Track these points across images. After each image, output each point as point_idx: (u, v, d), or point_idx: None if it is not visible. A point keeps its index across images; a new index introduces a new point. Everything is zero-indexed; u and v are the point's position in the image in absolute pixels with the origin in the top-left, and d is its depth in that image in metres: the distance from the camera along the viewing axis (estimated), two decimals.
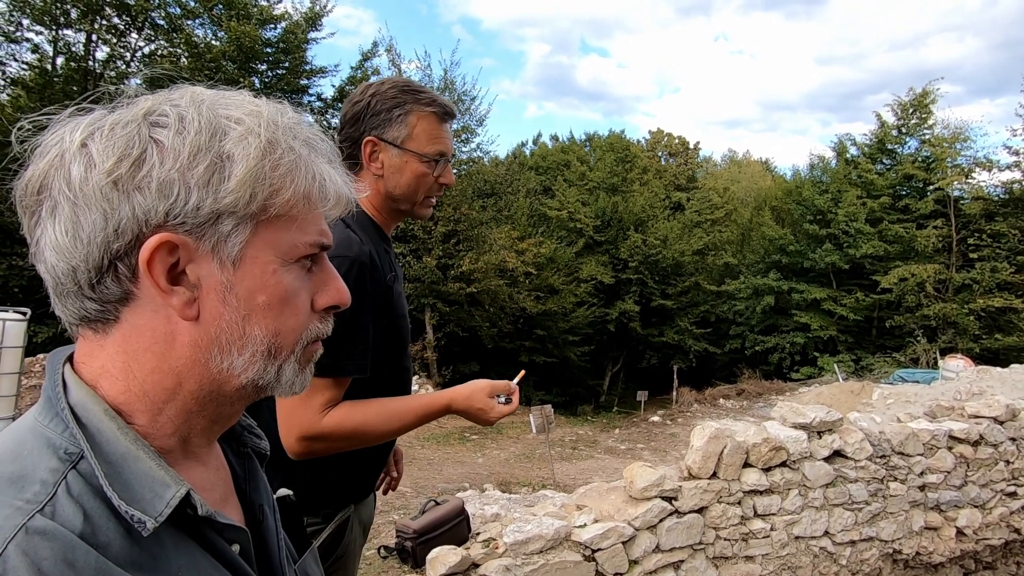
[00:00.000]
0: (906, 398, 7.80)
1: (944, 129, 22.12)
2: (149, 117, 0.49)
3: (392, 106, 1.29)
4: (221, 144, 0.49)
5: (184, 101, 0.50)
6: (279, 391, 0.55)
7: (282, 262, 0.52)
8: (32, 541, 0.40)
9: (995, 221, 20.19)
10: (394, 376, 1.36)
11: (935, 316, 19.65)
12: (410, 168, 1.31)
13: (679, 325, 24.63)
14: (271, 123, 0.51)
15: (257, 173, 0.49)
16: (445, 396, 1.32)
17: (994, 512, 3.60)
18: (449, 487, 7.26)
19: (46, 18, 12.79)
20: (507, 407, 1.34)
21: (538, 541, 2.56)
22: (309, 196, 0.53)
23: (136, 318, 0.49)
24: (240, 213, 0.49)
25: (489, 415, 1.32)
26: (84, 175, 0.47)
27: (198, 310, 0.50)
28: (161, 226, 0.47)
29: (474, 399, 1.31)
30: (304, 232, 0.53)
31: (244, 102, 0.52)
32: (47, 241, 0.48)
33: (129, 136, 0.48)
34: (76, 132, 0.48)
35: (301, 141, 0.53)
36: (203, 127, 0.49)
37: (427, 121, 1.31)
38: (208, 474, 0.57)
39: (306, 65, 16.02)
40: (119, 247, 0.47)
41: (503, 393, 1.35)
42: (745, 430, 3.12)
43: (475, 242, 17.84)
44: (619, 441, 12.45)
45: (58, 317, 0.51)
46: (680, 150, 37.10)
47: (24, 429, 0.48)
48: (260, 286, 0.51)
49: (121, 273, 0.48)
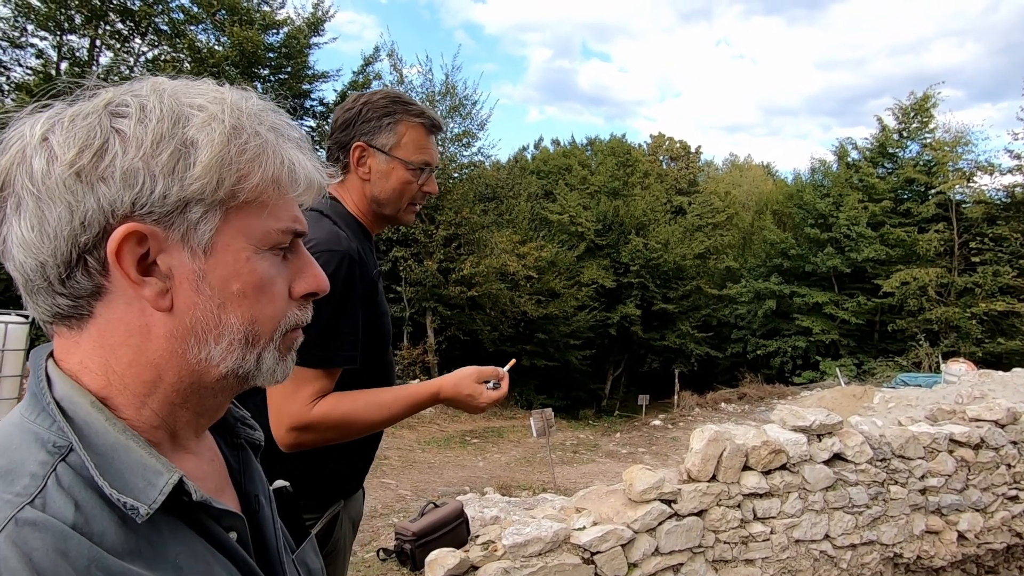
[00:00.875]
0: (907, 402, 7.77)
1: (945, 133, 22.15)
2: (110, 107, 0.48)
3: (382, 115, 1.34)
4: (184, 131, 0.48)
5: (145, 91, 0.50)
6: (261, 380, 0.55)
7: (255, 249, 0.52)
8: (22, 532, 0.40)
9: (997, 225, 20.15)
10: (378, 371, 1.38)
11: (937, 320, 19.60)
12: (396, 175, 1.35)
13: (680, 329, 24.59)
14: (235, 109, 0.51)
15: (223, 158, 0.49)
16: (433, 384, 1.33)
17: (996, 516, 3.59)
18: (449, 490, 7.24)
19: (50, 24, 12.89)
20: (496, 392, 1.34)
21: (537, 543, 2.56)
22: (279, 181, 0.52)
23: (110, 312, 0.49)
24: (208, 200, 0.49)
25: (478, 400, 1.32)
26: (46, 168, 0.46)
27: (171, 300, 0.49)
28: (128, 216, 0.47)
29: (462, 386, 1.32)
30: (276, 219, 0.53)
31: (207, 90, 0.52)
32: (14, 238, 0.48)
33: (90, 127, 0.47)
34: (36, 126, 0.48)
35: (267, 127, 0.53)
36: (165, 115, 0.48)
37: (415, 131, 1.36)
38: (201, 464, 0.57)
39: (308, 70, 16.11)
40: (87, 240, 0.47)
41: (491, 379, 1.35)
42: (745, 433, 3.12)
43: (476, 246, 17.85)
44: (620, 445, 12.42)
45: (31, 315, 0.51)
46: (681, 154, 37.14)
47: (11, 426, 0.48)
48: (234, 274, 0.51)
49: (91, 267, 0.47)
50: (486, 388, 1.34)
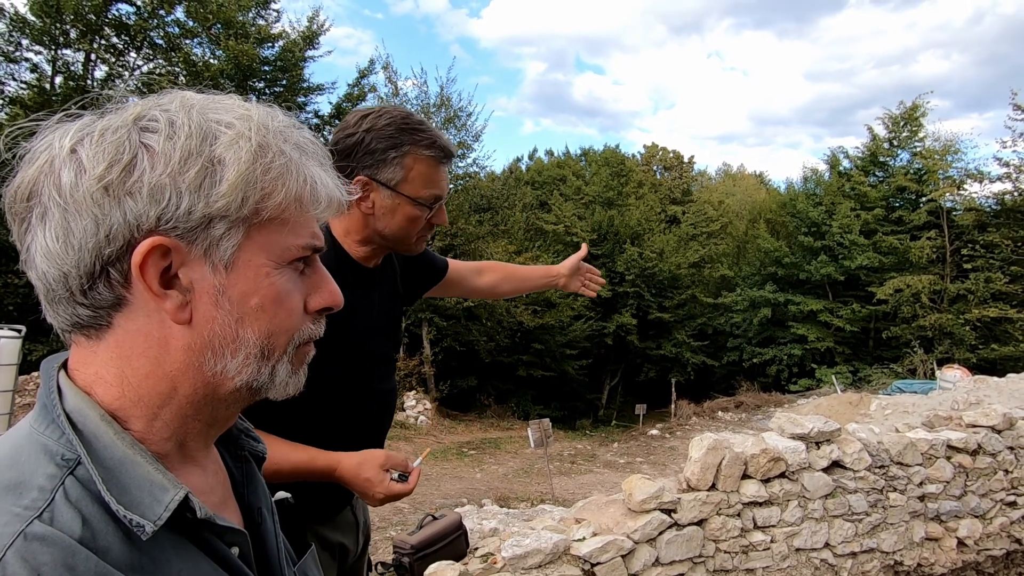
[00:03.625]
0: (904, 408, 7.79)
1: (935, 142, 22.43)
2: (139, 122, 0.49)
3: (388, 146, 1.22)
4: (212, 148, 0.49)
5: (174, 106, 0.50)
6: (273, 392, 0.55)
7: (275, 265, 0.53)
8: (31, 547, 0.40)
9: (988, 232, 20.35)
10: (343, 400, 1.29)
11: (931, 327, 19.72)
12: (402, 211, 1.25)
13: (676, 338, 24.62)
14: (262, 127, 0.52)
15: (248, 177, 0.49)
16: (333, 458, 1.19)
17: (994, 522, 3.59)
18: (447, 502, 7.19)
19: (45, 38, 12.94)
20: (399, 486, 1.18)
21: (536, 555, 2.54)
22: (301, 199, 0.53)
23: (129, 323, 0.49)
24: (232, 217, 0.49)
25: (375, 489, 1.17)
26: (75, 181, 0.47)
27: (191, 314, 0.50)
28: (153, 231, 0.47)
29: (363, 468, 1.17)
30: (296, 235, 0.54)
31: (234, 106, 0.53)
32: (38, 247, 0.48)
33: (119, 141, 0.48)
34: (65, 138, 0.48)
35: (292, 144, 0.54)
36: (193, 131, 0.49)
37: (424, 164, 1.24)
38: (206, 478, 0.57)
39: (303, 83, 16.22)
40: (111, 252, 0.47)
41: (399, 469, 1.20)
42: (743, 441, 3.11)
43: (472, 256, 17.88)
44: (618, 455, 12.37)
45: (50, 324, 0.51)
46: (675, 164, 37.40)
47: (20, 436, 0.48)
48: (253, 289, 0.51)
49: (113, 278, 0.48)
50: (389, 478, 1.19)
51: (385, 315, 1.45)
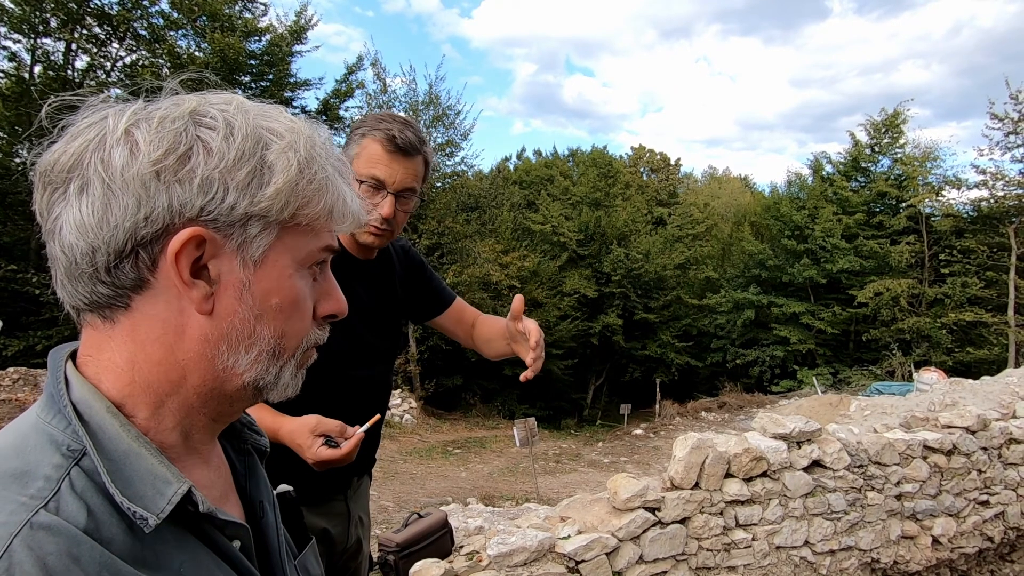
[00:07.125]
0: (883, 410, 7.94)
1: (915, 149, 22.88)
2: (195, 117, 0.51)
3: (355, 127, 1.39)
4: (264, 153, 0.52)
5: (231, 108, 0.53)
6: (275, 394, 0.57)
7: (297, 267, 0.55)
8: (37, 536, 0.41)
9: (965, 237, 20.78)
10: (323, 387, 1.29)
11: (909, 330, 20.11)
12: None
13: (661, 339, 24.80)
14: (310, 141, 0.55)
15: (294, 185, 0.52)
16: (277, 421, 1.22)
17: (968, 520, 3.68)
18: (432, 501, 7.17)
19: (24, 26, 12.62)
20: (329, 452, 1.16)
21: (522, 553, 2.56)
22: (332, 212, 0.56)
23: (148, 307, 0.50)
24: (271, 219, 0.52)
25: (304, 454, 1.18)
26: (128, 161, 0.48)
27: (213, 305, 0.51)
28: (193, 220, 0.49)
29: (295, 433, 1.19)
30: (319, 239, 0.56)
31: (281, 117, 0.55)
32: (70, 219, 0.48)
33: (177, 132, 0.49)
34: (121, 118, 0.50)
35: (331, 161, 0.57)
36: (249, 134, 0.51)
37: (373, 145, 1.35)
38: (209, 471, 0.58)
39: (291, 78, 16.02)
40: (146, 234, 0.48)
41: (333, 435, 1.19)
42: (726, 441, 3.16)
43: (459, 255, 17.85)
44: (602, 454, 12.44)
45: (61, 301, 0.51)
46: (662, 166, 37.68)
47: (26, 426, 0.49)
48: (276, 288, 0.53)
49: (141, 260, 0.49)
50: (320, 444, 1.18)
51: (374, 306, 1.49)
